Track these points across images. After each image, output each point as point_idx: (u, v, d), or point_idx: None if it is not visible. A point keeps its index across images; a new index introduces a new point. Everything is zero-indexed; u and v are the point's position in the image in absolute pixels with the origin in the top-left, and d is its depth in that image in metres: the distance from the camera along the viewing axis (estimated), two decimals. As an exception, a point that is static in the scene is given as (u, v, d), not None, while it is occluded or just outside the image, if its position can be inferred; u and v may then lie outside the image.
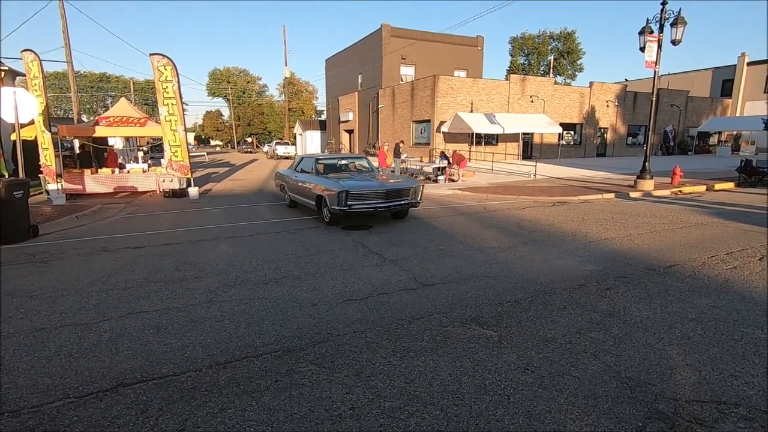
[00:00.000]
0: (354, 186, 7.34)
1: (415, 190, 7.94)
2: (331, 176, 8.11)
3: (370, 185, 7.58)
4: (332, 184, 7.41)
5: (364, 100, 31.90)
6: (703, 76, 36.39)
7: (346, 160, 9.24)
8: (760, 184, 13.04)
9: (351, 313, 3.77)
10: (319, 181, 7.90)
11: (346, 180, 7.75)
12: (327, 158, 9.17)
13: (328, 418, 2.34)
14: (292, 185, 9.33)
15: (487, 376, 2.76)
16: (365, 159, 9.49)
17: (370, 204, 7.34)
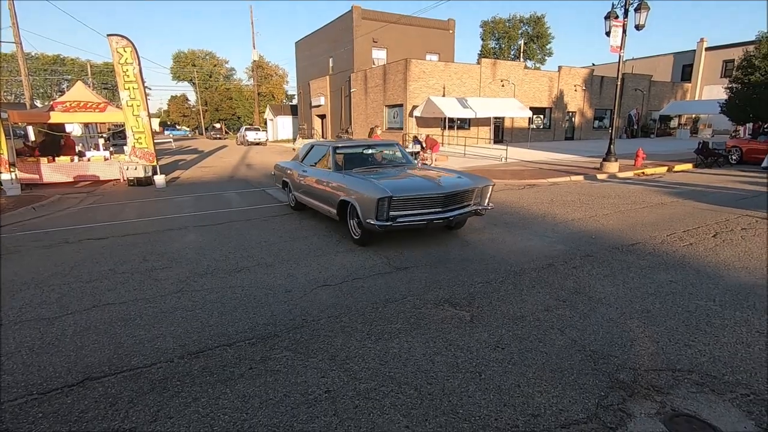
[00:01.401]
0: (399, 188, 4.97)
1: (482, 191, 5.63)
2: (357, 172, 5.86)
3: (421, 186, 5.16)
4: (365, 186, 5.07)
5: (335, 84, 31.41)
6: (664, 61, 37.61)
7: (372, 149, 6.87)
8: (715, 165, 13.73)
9: (325, 299, 3.77)
10: (342, 180, 5.63)
11: (383, 178, 5.45)
12: (348, 147, 6.76)
13: (303, 402, 2.36)
14: (300, 183, 7.05)
15: (460, 354, 2.84)
16: (397, 146, 7.03)
17: (423, 214, 5.00)
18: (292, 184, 7.54)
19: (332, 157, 6.27)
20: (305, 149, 7.48)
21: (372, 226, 4.83)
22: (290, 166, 7.79)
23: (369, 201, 4.84)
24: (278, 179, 8.39)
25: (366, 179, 5.30)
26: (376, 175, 5.72)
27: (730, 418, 2.18)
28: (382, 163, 6.65)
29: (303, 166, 7.11)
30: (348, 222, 5.57)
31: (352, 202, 5.23)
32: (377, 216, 4.77)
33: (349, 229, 5.54)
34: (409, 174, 5.82)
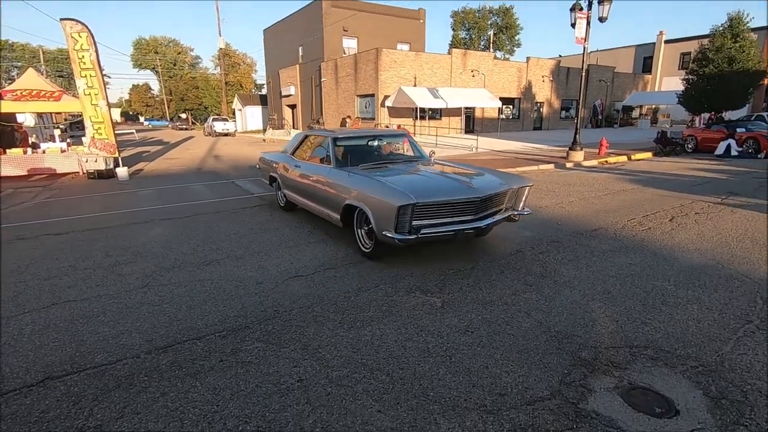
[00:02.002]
0: (424, 191, 3.99)
1: (517, 193, 4.74)
2: (365, 170, 4.85)
3: (450, 188, 4.20)
4: (380, 189, 4.13)
5: (306, 74, 30.89)
6: (627, 52, 38.89)
7: (379, 140, 5.89)
8: (673, 153, 14.40)
9: (297, 289, 3.76)
10: (347, 180, 4.64)
11: (397, 177, 4.56)
12: (351, 137, 5.83)
13: (275, 392, 2.36)
14: (291, 180, 6.09)
15: (431, 339, 2.90)
16: (407, 137, 6.10)
17: (452, 224, 4.06)
18: (281, 180, 6.55)
19: (332, 149, 5.23)
20: (296, 140, 6.47)
21: (390, 239, 3.86)
22: (279, 159, 6.74)
23: (386, 208, 3.87)
24: (264, 174, 7.45)
25: (380, 180, 4.30)
26: (388, 173, 4.74)
27: (681, 389, 2.33)
28: (390, 158, 5.59)
29: (295, 160, 6.13)
30: (355, 231, 4.60)
31: (361, 207, 4.28)
32: (397, 227, 3.82)
33: (357, 239, 4.61)
34: (427, 172, 4.82)
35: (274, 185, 7.05)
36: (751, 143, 13.30)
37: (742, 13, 18.97)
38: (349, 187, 4.56)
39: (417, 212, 3.89)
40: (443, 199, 4.00)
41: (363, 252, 4.55)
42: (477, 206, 4.11)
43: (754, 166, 11.20)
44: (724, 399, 2.24)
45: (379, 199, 4.05)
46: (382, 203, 3.97)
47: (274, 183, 7.00)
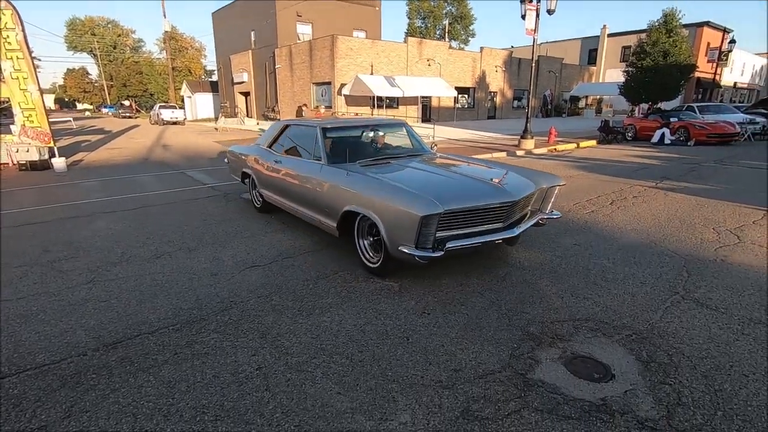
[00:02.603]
0: (450, 196, 3.30)
1: (546, 193, 4.17)
2: (366, 167, 4.15)
3: (479, 191, 3.52)
4: (394, 193, 3.40)
5: (259, 60, 29.89)
6: (574, 45, 40.63)
7: (375, 131, 5.05)
8: (615, 141, 15.31)
9: (255, 279, 3.71)
10: (346, 181, 3.87)
11: (410, 177, 3.92)
12: (343, 128, 5.03)
13: (234, 382, 2.34)
14: (270, 178, 5.23)
15: (389, 322, 2.97)
16: (405, 126, 5.32)
17: (482, 233, 3.42)
18: (256, 177, 5.63)
19: (322, 142, 4.45)
20: (274, 130, 5.58)
21: (408, 256, 3.15)
22: (252, 152, 5.83)
23: (404, 218, 3.13)
24: (235, 169, 6.44)
25: (391, 182, 3.59)
26: (395, 171, 4.10)
27: (617, 356, 2.55)
28: (391, 152, 4.89)
29: (273, 154, 5.26)
30: (356, 242, 3.89)
31: (366, 215, 3.54)
32: (419, 241, 3.10)
33: (359, 252, 3.88)
34: (442, 170, 4.11)
35: (248, 182, 6.17)
36: (682, 132, 14.38)
37: (675, 9, 20.31)
38: (350, 189, 3.74)
39: (446, 221, 3.21)
40: (473, 205, 3.29)
41: (368, 268, 3.80)
42: (508, 211, 3.51)
43: (685, 153, 12.15)
44: (652, 362, 2.47)
45: (393, 206, 3.26)
46: (398, 212, 3.20)
47: (247, 180, 6.11)
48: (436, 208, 3.06)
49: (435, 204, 3.08)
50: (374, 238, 3.78)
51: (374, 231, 3.70)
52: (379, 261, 3.69)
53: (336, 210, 3.92)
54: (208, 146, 15.77)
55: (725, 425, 2.00)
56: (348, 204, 3.73)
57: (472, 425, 2.01)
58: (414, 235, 3.10)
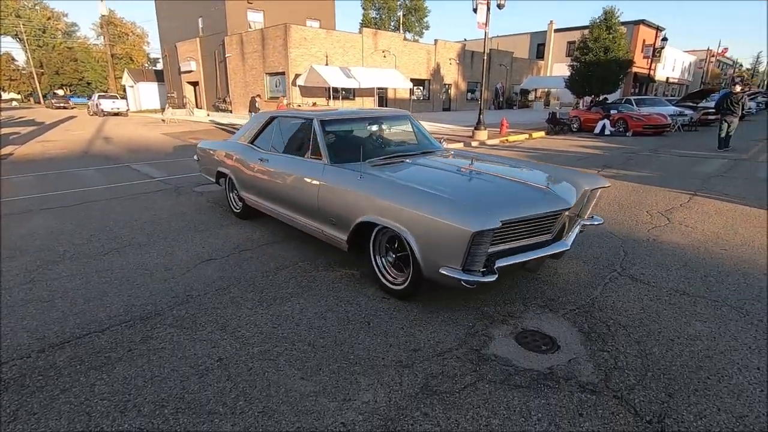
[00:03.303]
0: (498, 204, 2.83)
1: (588, 196, 3.49)
2: (377, 167, 3.55)
3: (527, 197, 3.00)
4: (432, 202, 2.76)
5: (208, 48, 28.63)
6: (523, 39, 42.03)
7: (379, 125, 4.55)
8: (561, 132, 16.12)
9: (211, 273, 3.63)
10: (361, 186, 3.22)
11: (441, 180, 3.23)
12: (343, 120, 4.31)
13: (193, 374, 2.31)
14: (256, 180, 4.51)
15: (350, 309, 3.02)
16: (411, 120, 4.65)
17: (531, 247, 2.92)
18: (236, 178, 4.86)
19: (322, 138, 3.75)
20: (256, 123, 4.85)
21: (452, 280, 2.57)
22: (230, 149, 5.03)
23: (447, 233, 2.55)
24: (208, 169, 5.66)
25: (421, 187, 2.93)
26: (417, 172, 3.49)
27: (562, 329, 2.75)
28: (401, 149, 4.25)
29: (258, 151, 4.53)
30: (372, 259, 3.30)
31: (389, 227, 2.92)
32: (467, 262, 2.53)
33: (375, 270, 3.29)
34: (471, 171, 3.52)
35: (223, 183, 5.44)
36: (621, 123, 15.37)
37: (614, 8, 21.55)
38: (367, 195, 3.11)
39: (496, 233, 2.65)
40: (528, 215, 2.78)
41: (388, 290, 3.18)
42: (558, 220, 3.07)
43: (623, 143, 13.02)
44: (593, 333, 2.70)
45: (431, 218, 2.64)
46: (439, 226, 2.59)
47: (222, 180, 5.39)
48: (491, 221, 2.45)
49: (489, 216, 2.49)
50: (396, 255, 3.12)
51: (396, 246, 3.10)
52: (404, 283, 3.05)
53: (347, 220, 3.25)
54: (156, 139, 15.00)
55: (654, 383, 2.23)
56: (364, 213, 3.08)
57: (431, 399, 2.12)
58: (461, 254, 2.49)
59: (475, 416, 2.01)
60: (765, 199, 6.04)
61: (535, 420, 1.99)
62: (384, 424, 1.96)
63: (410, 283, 3.01)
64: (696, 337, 2.65)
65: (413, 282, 2.97)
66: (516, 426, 1.95)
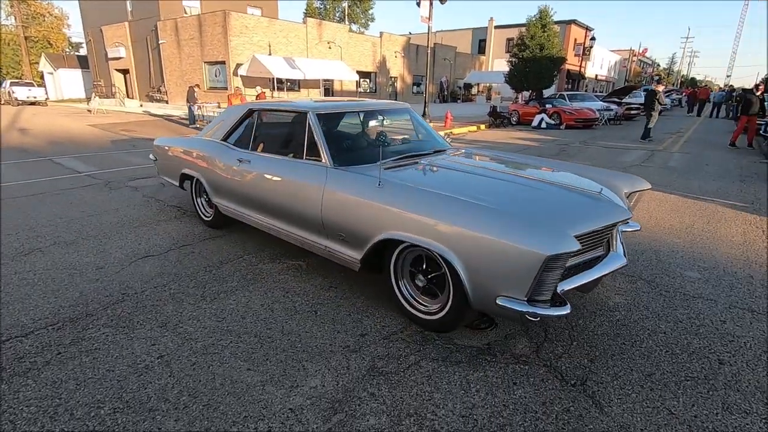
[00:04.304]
0: (569, 218, 2.36)
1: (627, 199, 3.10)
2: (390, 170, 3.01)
3: (588, 207, 2.55)
4: (488, 218, 2.22)
5: (139, 34, 26.71)
6: (465, 34, 43.22)
7: (377, 119, 4.05)
8: (502, 125, 16.86)
9: (149, 270, 3.47)
10: (378, 196, 2.65)
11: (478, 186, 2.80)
12: (340, 112, 3.72)
13: (132, 373, 2.22)
14: (235, 185, 3.81)
15: (297, 299, 3.03)
16: (411, 113, 4.09)
17: (590, 264, 2.50)
18: (209, 183, 4.12)
19: (321, 135, 3.17)
20: (232, 116, 4.14)
21: (514, 313, 2.12)
22: (200, 147, 4.24)
23: (510, 256, 2.08)
24: (168, 170, 4.86)
25: (463, 195, 2.44)
26: (445, 177, 3.00)
27: (499, 307, 2.94)
28: (410, 148, 3.64)
29: (236, 151, 3.84)
30: (394, 283, 2.80)
31: (427, 247, 2.38)
32: (534, 292, 2.09)
33: (398, 296, 2.79)
34: (506, 174, 3.03)
35: (189, 188, 4.67)
36: (555, 117, 16.35)
37: (548, 7, 22.74)
38: (390, 207, 2.55)
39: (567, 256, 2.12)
40: (594, 228, 2.37)
41: (419, 321, 2.68)
42: (612, 231, 2.65)
43: (557, 135, 13.87)
44: (527, 309, 2.91)
45: (487, 237, 2.14)
46: (499, 247, 2.11)
47: (188, 184, 4.63)
48: (566, 241, 2.02)
49: (563, 235, 2.06)
50: (427, 278, 2.62)
51: (426, 267, 2.61)
52: (440, 312, 2.54)
53: (363, 236, 2.70)
54: (81, 130, 13.83)
55: (578, 351, 2.46)
56: (386, 229, 2.55)
57: (378, 380, 2.20)
58: (527, 282, 2.05)
59: (419, 392, 2.11)
60: (673, 185, 6.74)
61: (474, 391, 2.13)
62: (332, 406, 2.01)
63: (449, 313, 2.49)
64: (615, 309, 2.94)
65: (454, 312, 2.46)
66: (457, 398, 2.08)
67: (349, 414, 1.97)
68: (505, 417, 1.97)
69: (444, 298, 2.54)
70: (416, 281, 2.72)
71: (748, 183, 6.89)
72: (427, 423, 1.92)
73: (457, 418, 1.95)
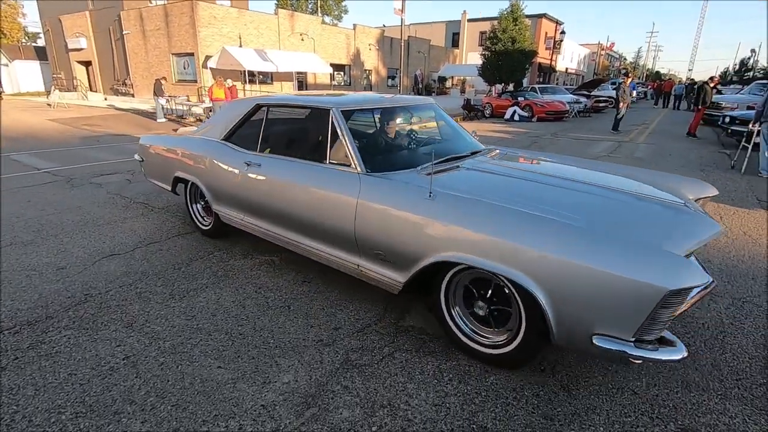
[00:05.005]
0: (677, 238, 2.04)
1: None
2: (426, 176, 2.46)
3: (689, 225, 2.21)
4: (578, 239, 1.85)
5: (101, 24, 25.55)
6: (439, 27, 43.32)
7: (406, 116, 3.68)
8: (476, 118, 17.03)
9: (114, 269, 3.34)
10: (431, 211, 2.22)
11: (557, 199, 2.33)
12: (364, 109, 3.16)
13: (95, 376, 2.14)
14: (240, 191, 3.33)
15: (270, 295, 2.98)
16: (436, 109, 3.83)
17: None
18: (209, 188, 3.65)
19: (348, 135, 2.73)
20: (234, 114, 3.63)
21: (615, 354, 1.78)
22: (196, 147, 3.77)
23: (616, 289, 1.72)
24: (157, 173, 4.31)
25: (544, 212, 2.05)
26: (493, 181, 2.63)
27: (472, 297, 2.97)
28: (445, 149, 3.12)
29: (243, 152, 3.36)
30: (444, 310, 2.40)
31: (498, 273, 2.00)
32: (645, 329, 1.75)
33: (453, 327, 2.37)
34: (573, 182, 2.58)
35: (183, 193, 4.19)
36: (527, 109, 16.63)
37: (519, 1, 23.01)
38: (445, 223, 2.15)
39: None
40: (696, 247, 2.10)
41: (480, 355, 2.27)
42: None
43: (529, 128, 14.12)
44: (499, 298, 2.96)
45: (586, 266, 1.77)
46: (602, 277, 1.74)
47: (181, 188, 4.18)
48: (691, 271, 1.69)
49: (687, 265, 1.71)
50: (489, 308, 2.25)
51: (487, 292, 2.24)
52: (507, 345, 2.16)
53: (409, 257, 2.29)
54: (41, 126, 13.17)
55: (547, 337, 2.52)
56: (441, 250, 2.14)
57: (351, 372, 2.19)
58: (637, 320, 1.71)
59: (393, 383, 2.12)
60: (640, 175, 6.96)
61: (446, 380, 2.15)
62: (305, 401, 2.00)
63: (521, 348, 2.11)
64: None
65: (527, 346, 2.09)
66: (430, 387, 2.10)
67: (322, 408, 1.96)
68: (477, 404, 2.00)
69: (509, 329, 2.17)
70: (476, 309, 2.30)
71: (707, 172, 7.20)
72: (400, 413, 1.93)
73: (430, 407, 1.97)
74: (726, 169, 7.51)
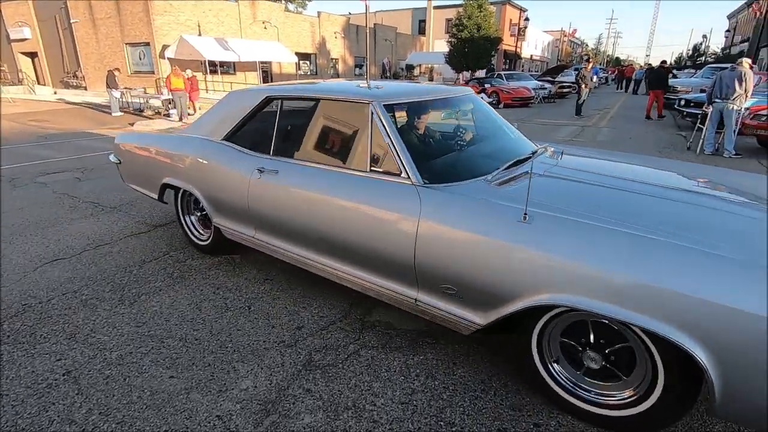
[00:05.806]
0: None
1: None
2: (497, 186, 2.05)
3: None
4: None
5: (46, 12, 23.91)
6: (405, 15, 42.97)
7: (450, 110, 3.06)
8: (444, 106, 17.02)
9: (58, 275, 3.10)
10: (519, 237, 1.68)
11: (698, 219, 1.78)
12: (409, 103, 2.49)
13: (31, 395, 1.95)
14: (249, 203, 2.70)
15: (229, 295, 2.83)
16: (474, 99, 3.10)
17: None
18: (208, 198, 3.05)
19: (395, 135, 2.16)
20: (237, 108, 3.00)
21: None
22: (191, 148, 3.12)
23: None
24: (140, 178, 3.66)
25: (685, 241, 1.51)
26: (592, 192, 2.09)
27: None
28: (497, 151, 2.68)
29: (253, 156, 2.79)
30: (539, 365, 1.89)
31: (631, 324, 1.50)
32: None
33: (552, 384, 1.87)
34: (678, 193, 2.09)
35: (175, 201, 3.52)
36: (494, 96, 16.74)
37: (483, -13, 23.08)
38: (552, 257, 1.62)
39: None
40: None
41: (598, 421, 1.78)
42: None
43: (496, 114, 14.21)
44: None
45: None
46: None
47: (169, 191, 3.49)
48: None
49: None
50: (609, 358, 1.74)
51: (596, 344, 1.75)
52: (637, 405, 1.67)
53: (494, 295, 1.79)
54: (-20, 122, 12.21)
55: (515, 325, 2.49)
56: (542, 290, 1.64)
57: (314, 374, 2.09)
58: None
59: (358, 383, 2.03)
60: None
61: (413, 376, 2.08)
62: (264, 408, 1.88)
63: (658, 409, 1.62)
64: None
65: (666, 408, 1.60)
66: (396, 385, 2.02)
67: (282, 414, 1.85)
68: (445, 399, 1.94)
69: (635, 383, 1.70)
70: (589, 361, 1.77)
71: (665, 154, 7.42)
72: (366, 415, 1.85)
73: (396, 406, 1.89)
74: (683, 150, 7.77)
